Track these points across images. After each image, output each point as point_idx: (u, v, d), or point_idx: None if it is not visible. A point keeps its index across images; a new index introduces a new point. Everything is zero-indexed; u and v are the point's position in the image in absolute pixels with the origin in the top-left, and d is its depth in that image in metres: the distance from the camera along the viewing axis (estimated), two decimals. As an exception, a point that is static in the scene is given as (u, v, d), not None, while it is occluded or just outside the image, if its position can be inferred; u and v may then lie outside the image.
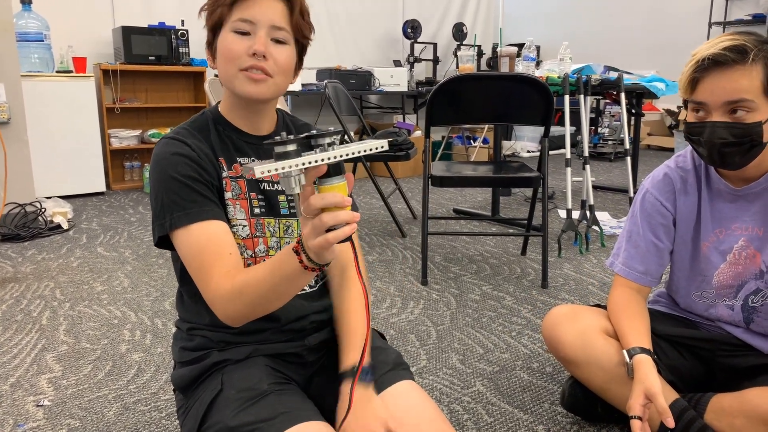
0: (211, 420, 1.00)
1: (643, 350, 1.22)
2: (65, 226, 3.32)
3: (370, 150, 0.77)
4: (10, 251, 2.89)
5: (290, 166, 0.71)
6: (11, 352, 1.79)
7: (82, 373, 1.66)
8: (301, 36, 1.05)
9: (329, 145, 0.75)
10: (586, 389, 1.37)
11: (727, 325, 1.34)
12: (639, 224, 1.36)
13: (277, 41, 1.00)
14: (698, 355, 1.38)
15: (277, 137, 0.75)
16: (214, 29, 1.01)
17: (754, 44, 1.10)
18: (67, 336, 1.91)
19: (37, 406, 1.49)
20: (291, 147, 0.74)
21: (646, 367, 1.19)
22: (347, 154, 0.75)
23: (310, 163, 0.72)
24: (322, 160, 0.73)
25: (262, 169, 0.71)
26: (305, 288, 1.13)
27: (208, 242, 0.96)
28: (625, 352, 1.24)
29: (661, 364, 1.33)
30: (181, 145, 1.00)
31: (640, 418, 1.15)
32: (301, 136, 0.75)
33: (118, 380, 1.62)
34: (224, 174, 1.03)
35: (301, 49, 1.08)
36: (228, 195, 1.03)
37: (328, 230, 0.76)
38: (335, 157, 0.74)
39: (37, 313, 2.10)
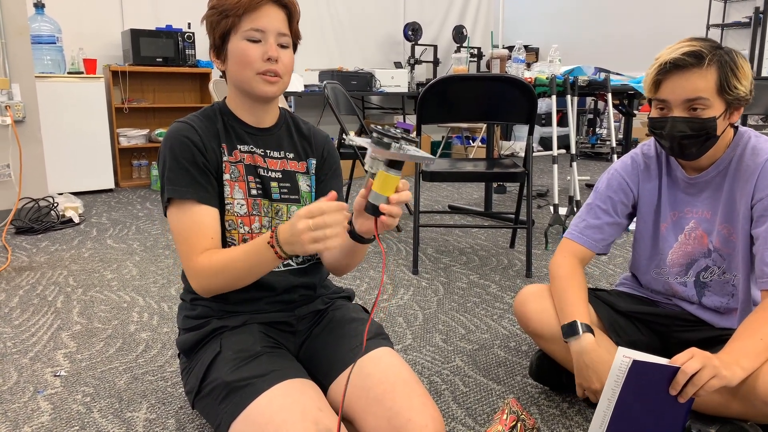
0: (210, 377, 1.15)
1: (589, 328, 1.33)
2: (76, 220, 3.48)
3: (423, 157, 0.95)
4: (24, 243, 3.04)
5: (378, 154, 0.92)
6: (29, 331, 1.94)
7: (95, 349, 1.81)
8: (297, 39, 1.21)
9: (403, 145, 0.93)
10: (552, 361, 1.51)
11: (682, 302, 1.48)
12: (602, 199, 1.50)
13: (282, 46, 1.15)
14: (655, 330, 1.52)
15: (379, 128, 0.94)
16: (224, 36, 1.16)
17: (708, 50, 1.25)
18: (81, 317, 2.06)
19: (55, 376, 1.64)
20: (386, 140, 0.93)
21: (600, 348, 1.31)
22: (411, 155, 0.94)
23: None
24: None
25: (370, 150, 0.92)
26: (291, 264, 1.27)
27: (195, 222, 1.13)
28: (578, 323, 1.34)
29: (621, 341, 1.47)
30: (191, 130, 1.16)
31: None
32: (396, 134, 0.93)
33: (127, 355, 1.77)
34: (225, 158, 1.19)
35: (295, 49, 1.23)
36: (226, 177, 1.18)
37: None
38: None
39: (52, 298, 2.25)
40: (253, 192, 1.21)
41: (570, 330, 1.34)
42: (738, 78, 1.25)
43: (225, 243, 1.20)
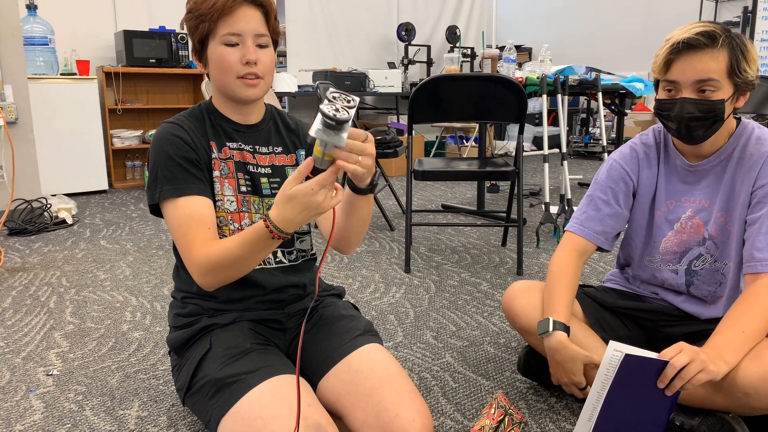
0: (201, 374, 1.16)
1: (563, 326, 1.35)
2: (70, 221, 3.48)
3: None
4: (17, 244, 3.05)
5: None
6: (22, 331, 1.95)
7: (87, 348, 1.82)
8: (276, 36, 1.22)
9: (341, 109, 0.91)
10: (540, 356, 1.53)
11: (669, 293, 1.50)
12: (602, 189, 1.50)
13: (261, 46, 1.16)
14: (641, 325, 1.54)
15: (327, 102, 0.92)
16: (202, 41, 1.17)
17: (722, 31, 1.26)
18: (73, 317, 2.07)
19: (47, 375, 1.65)
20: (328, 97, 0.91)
21: (571, 346, 1.33)
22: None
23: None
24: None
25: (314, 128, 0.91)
26: (284, 261, 1.28)
27: (192, 215, 1.12)
28: (551, 320, 1.36)
29: (607, 336, 1.49)
30: (179, 129, 1.18)
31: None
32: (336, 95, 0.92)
33: (120, 354, 1.78)
34: (214, 155, 1.20)
35: (275, 46, 1.24)
36: (216, 173, 1.20)
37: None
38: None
39: (44, 298, 2.26)
40: (243, 189, 1.22)
41: (542, 327, 1.37)
42: (747, 61, 1.26)
43: None
